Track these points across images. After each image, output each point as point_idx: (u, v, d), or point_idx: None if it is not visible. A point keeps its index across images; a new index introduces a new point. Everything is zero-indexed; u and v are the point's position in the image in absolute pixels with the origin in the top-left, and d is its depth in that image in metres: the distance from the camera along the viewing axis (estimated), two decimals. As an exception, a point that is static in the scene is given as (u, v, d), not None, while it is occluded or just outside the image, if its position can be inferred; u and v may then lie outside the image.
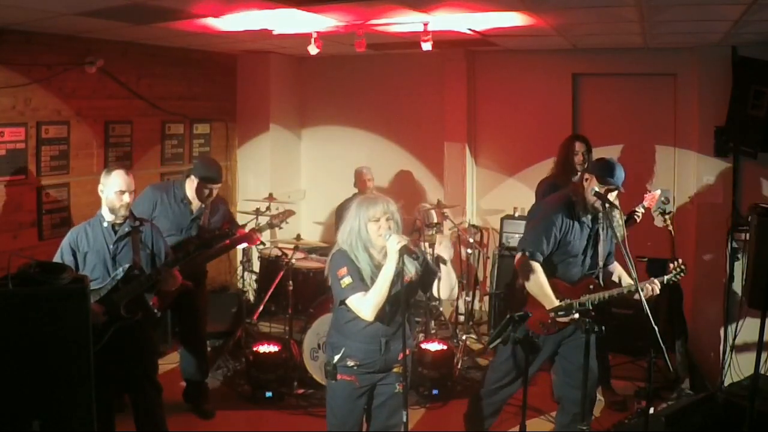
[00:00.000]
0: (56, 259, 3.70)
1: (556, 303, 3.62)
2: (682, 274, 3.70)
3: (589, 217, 3.73)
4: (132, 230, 3.79)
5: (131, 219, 3.83)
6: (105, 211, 3.78)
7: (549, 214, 3.71)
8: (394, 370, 3.30)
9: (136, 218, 3.89)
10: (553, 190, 4.44)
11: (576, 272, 3.76)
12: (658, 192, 4.87)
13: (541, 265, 3.66)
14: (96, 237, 3.74)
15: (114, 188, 3.72)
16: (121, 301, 3.63)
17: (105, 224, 3.76)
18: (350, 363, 3.23)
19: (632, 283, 3.69)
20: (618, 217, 3.75)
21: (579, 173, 4.73)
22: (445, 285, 3.27)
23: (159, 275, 3.72)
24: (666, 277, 3.70)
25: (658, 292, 3.69)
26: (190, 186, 4.56)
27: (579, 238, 3.71)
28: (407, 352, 3.22)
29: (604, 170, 3.65)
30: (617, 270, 3.92)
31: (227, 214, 4.90)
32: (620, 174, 3.67)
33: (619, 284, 3.83)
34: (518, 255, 3.74)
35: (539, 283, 3.64)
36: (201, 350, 4.89)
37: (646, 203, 4.78)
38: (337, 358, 3.24)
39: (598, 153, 4.90)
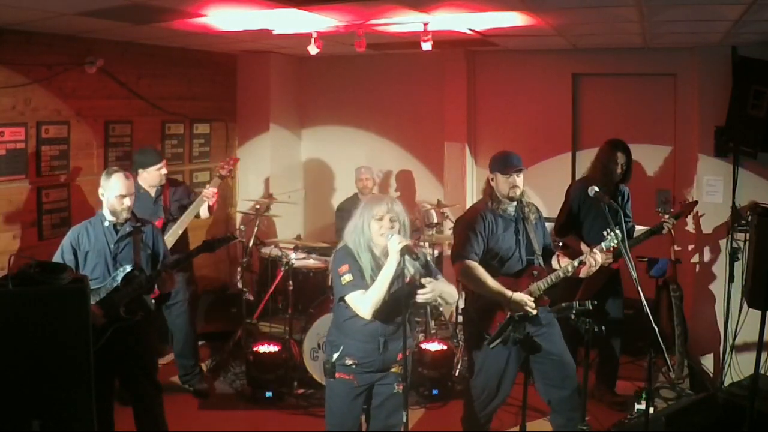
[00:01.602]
0: (56, 257, 3.71)
1: (509, 293, 3.63)
2: (617, 240, 3.69)
3: (511, 211, 3.80)
4: (133, 230, 3.79)
5: (133, 220, 3.83)
6: (106, 211, 3.78)
7: (469, 219, 3.80)
8: (393, 370, 3.30)
9: (137, 219, 3.89)
10: (585, 193, 4.41)
11: (515, 265, 3.80)
12: (696, 201, 4.88)
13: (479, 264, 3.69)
14: (97, 236, 3.75)
15: (114, 192, 3.73)
16: (121, 302, 3.63)
17: (106, 224, 3.77)
18: (348, 362, 3.25)
19: (571, 261, 3.76)
20: (528, 202, 3.85)
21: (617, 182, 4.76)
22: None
23: (159, 277, 3.73)
24: (603, 244, 3.70)
25: (600, 261, 3.70)
26: (143, 179, 4.93)
27: (505, 232, 3.78)
28: (407, 352, 3.23)
29: (501, 164, 3.79)
30: (555, 256, 3.96)
31: (186, 189, 5.31)
32: (516, 158, 3.80)
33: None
34: (455, 265, 3.75)
35: (484, 281, 3.64)
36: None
37: (678, 210, 4.78)
38: (335, 356, 3.26)
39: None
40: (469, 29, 5.03)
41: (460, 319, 6.30)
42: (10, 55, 4.82)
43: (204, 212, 5.09)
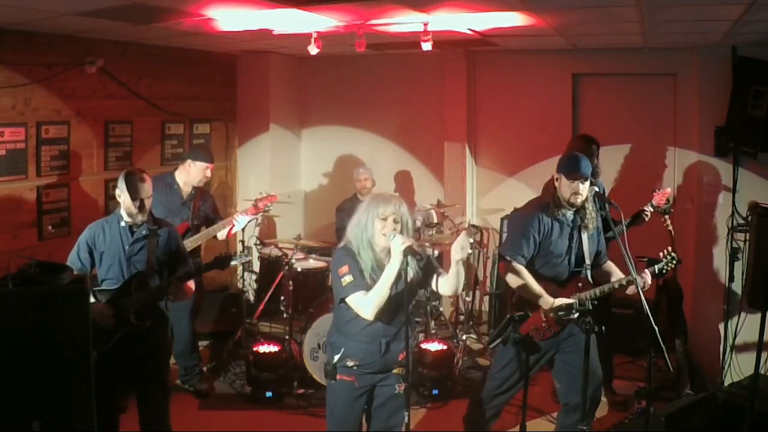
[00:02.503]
0: (73, 254, 3.68)
1: (551, 300, 3.62)
2: (673, 262, 3.65)
3: (569, 216, 3.72)
4: (149, 233, 3.72)
5: (150, 221, 3.75)
6: (123, 211, 3.71)
7: (526, 218, 3.74)
8: (394, 371, 3.29)
9: (155, 221, 3.82)
10: None
11: (563, 272, 3.75)
12: (669, 190, 4.87)
13: (526, 267, 3.66)
14: (113, 236, 3.68)
15: (130, 195, 3.65)
16: (131, 308, 3.58)
17: (122, 224, 3.70)
18: (350, 363, 3.23)
19: (621, 277, 3.69)
20: (591, 210, 3.75)
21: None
22: (451, 282, 3.22)
23: (170, 287, 3.64)
24: (657, 267, 3.65)
25: (650, 283, 3.62)
26: (184, 171, 5.08)
27: (560, 238, 3.71)
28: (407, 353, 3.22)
29: (567, 167, 3.68)
30: (610, 268, 3.90)
31: (214, 204, 5.37)
32: (585, 164, 3.68)
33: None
34: (501, 262, 3.73)
35: (527, 283, 3.63)
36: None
37: (655, 201, 4.78)
38: (336, 357, 3.24)
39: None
40: (469, 29, 5.03)
41: (461, 319, 6.33)
42: (10, 55, 4.82)
43: (222, 235, 5.09)
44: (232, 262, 3.76)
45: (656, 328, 3.32)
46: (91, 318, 3.59)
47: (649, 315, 3.33)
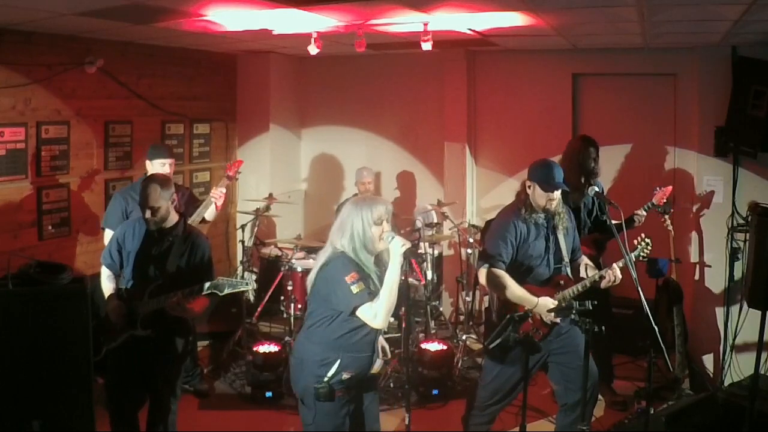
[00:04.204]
0: (105, 249, 3.72)
1: (535, 300, 3.63)
2: (648, 248, 3.68)
3: (542, 218, 3.76)
4: (174, 240, 3.64)
5: (179, 228, 3.68)
6: None
7: (502, 224, 3.76)
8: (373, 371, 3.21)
9: (186, 228, 3.75)
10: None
11: (543, 272, 3.77)
12: (670, 187, 4.86)
13: (507, 272, 3.67)
14: (140, 238, 3.64)
15: (140, 202, 3.60)
16: (140, 313, 3.53)
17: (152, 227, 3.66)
18: (345, 376, 3.06)
19: (600, 272, 3.71)
20: (561, 212, 3.78)
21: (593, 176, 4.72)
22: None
23: (177, 302, 3.51)
24: (633, 254, 3.66)
25: (620, 275, 3.63)
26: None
27: (536, 239, 3.74)
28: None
29: (542, 177, 3.69)
30: (583, 262, 3.93)
31: (191, 195, 5.10)
32: (559, 173, 3.70)
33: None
34: (481, 270, 3.73)
35: (509, 288, 3.65)
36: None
37: (656, 199, 4.78)
38: (331, 373, 3.02)
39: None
40: (469, 29, 5.03)
41: (461, 319, 6.32)
42: (10, 55, 4.82)
43: (211, 214, 4.88)
44: (226, 290, 3.56)
45: (656, 328, 3.32)
46: (106, 311, 3.60)
47: (649, 315, 3.33)
